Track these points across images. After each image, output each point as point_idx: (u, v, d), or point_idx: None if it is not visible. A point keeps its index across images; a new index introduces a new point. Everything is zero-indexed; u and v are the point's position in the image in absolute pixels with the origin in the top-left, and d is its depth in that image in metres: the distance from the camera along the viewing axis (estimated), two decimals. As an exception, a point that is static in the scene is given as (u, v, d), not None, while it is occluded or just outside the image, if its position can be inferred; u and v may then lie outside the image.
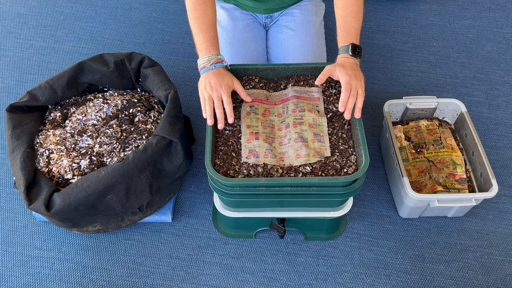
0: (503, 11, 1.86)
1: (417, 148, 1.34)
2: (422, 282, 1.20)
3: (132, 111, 1.23)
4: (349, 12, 1.11)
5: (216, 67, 1.07)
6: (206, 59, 1.08)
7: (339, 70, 1.05)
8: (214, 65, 1.07)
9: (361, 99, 1.03)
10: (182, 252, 1.24)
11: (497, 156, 1.43)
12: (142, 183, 1.12)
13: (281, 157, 1.03)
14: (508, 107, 1.55)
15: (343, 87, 1.03)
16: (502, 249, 1.25)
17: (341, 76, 1.04)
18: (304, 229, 1.24)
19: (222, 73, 1.07)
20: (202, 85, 1.06)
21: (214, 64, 1.07)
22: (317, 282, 1.19)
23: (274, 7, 1.36)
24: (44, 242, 1.25)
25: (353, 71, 1.05)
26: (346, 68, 1.05)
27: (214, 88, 1.04)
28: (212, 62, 1.07)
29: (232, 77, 1.08)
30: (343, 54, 1.10)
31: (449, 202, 1.17)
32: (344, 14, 1.12)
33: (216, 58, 1.08)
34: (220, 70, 1.07)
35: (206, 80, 1.06)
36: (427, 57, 1.69)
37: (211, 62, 1.07)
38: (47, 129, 1.21)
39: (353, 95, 1.03)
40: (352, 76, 1.03)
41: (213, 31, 1.11)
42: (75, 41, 1.73)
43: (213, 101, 1.04)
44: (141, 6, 1.85)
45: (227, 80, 1.06)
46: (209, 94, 1.04)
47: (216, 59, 1.08)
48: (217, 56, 1.09)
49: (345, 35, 1.11)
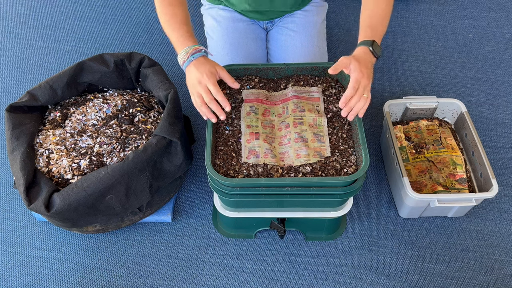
0: (503, 11, 1.85)
1: (417, 148, 1.34)
2: (422, 282, 1.20)
3: (132, 111, 1.23)
4: (376, 14, 1.07)
5: (195, 57, 1.01)
6: (183, 53, 1.03)
7: (353, 64, 0.98)
8: (192, 56, 1.02)
9: (366, 103, 0.98)
10: (182, 252, 1.24)
11: (497, 156, 1.43)
12: (142, 183, 1.12)
13: (281, 157, 1.03)
14: (508, 107, 1.55)
15: (351, 83, 0.97)
16: (502, 249, 1.25)
17: (353, 71, 0.97)
18: (304, 229, 1.24)
19: (202, 62, 1.01)
20: (188, 83, 1.02)
21: (192, 55, 1.02)
22: (317, 282, 1.19)
23: (275, 16, 1.37)
24: (44, 242, 1.25)
25: (367, 69, 0.98)
26: (361, 63, 0.98)
27: (198, 80, 0.99)
28: (189, 54, 1.02)
29: (215, 64, 1.02)
30: (363, 47, 1.02)
31: (449, 202, 1.17)
32: (372, 14, 1.08)
33: (193, 49, 1.02)
34: (200, 59, 1.02)
35: (189, 75, 1.01)
36: (427, 57, 1.69)
37: (188, 55, 1.02)
38: (47, 129, 1.21)
39: (358, 95, 0.97)
40: (364, 75, 0.97)
41: (186, 26, 1.06)
42: (75, 41, 1.73)
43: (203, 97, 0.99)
44: (141, 6, 1.85)
45: (209, 67, 1.00)
46: (197, 91, 1.00)
47: (193, 49, 1.02)
48: (193, 46, 1.02)
49: (369, 31, 1.05)
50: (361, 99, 0.97)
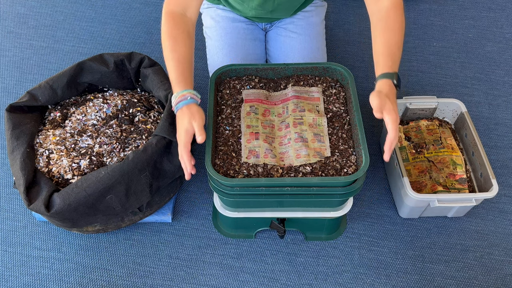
0: (503, 11, 1.85)
1: (417, 148, 1.34)
2: (422, 282, 1.20)
3: (132, 111, 1.23)
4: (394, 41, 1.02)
5: (178, 107, 0.98)
6: (174, 98, 1.00)
7: (388, 105, 0.92)
8: (176, 106, 0.99)
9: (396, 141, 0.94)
10: (182, 252, 1.24)
11: (497, 156, 1.43)
12: (142, 183, 1.12)
13: (281, 157, 1.03)
14: (508, 107, 1.55)
15: (392, 126, 0.91)
16: (502, 249, 1.25)
17: (390, 112, 0.92)
18: (304, 229, 1.24)
19: (184, 114, 0.97)
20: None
21: (177, 105, 0.99)
22: (317, 282, 1.19)
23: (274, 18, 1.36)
24: (44, 242, 1.25)
25: (396, 105, 0.95)
26: (392, 101, 0.93)
27: (177, 134, 0.99)
28: (176, 102, 0.99)
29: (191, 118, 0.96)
30: (387, 81, 0.97)
31: (449, 202, 1.17)
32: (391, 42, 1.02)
33: (179, 96, 0.98)
34: (183, 109, 0.98)
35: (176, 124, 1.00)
36: (427, 57, 1.69)
37: (175, 102, 0.99)
38: (47, 129, 1.21)
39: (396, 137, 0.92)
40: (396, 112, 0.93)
41: (181, 66, 1.02)
42: (75, 41, 1.73)
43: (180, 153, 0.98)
44: (141, 6, 1.85)
45: (186, 125, 0.96)
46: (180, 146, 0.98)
47: (179, 96, 0.98)
48: (181, 93, 0.99)
49: (390, 62, 0.99)
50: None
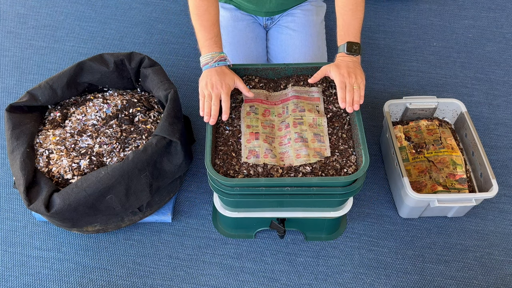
0: (503, 11, 1.85)
1: (417, 148, 1.34)
2: (422, 282, 1.20)
3: (132, 111, 1.23)
4: (348, 10, 1.11)
5: (219, 65, 1.07)
6: (209, 56, 1.08)
7: (333, 70, 1.06)
8: (217, 63, 1.07)
9: (358, 93, 1.03)
10: (182, 252, 1.24)
11: (497, 156, 1.43)
12: (142, 183, 1.12)
13: (281, 157, 1.03)
14: (508, 107, 1.55)
15: (337, 87, 1.04)
16: (502, 249, 1.25)
17: (335, 77, 1.05)
18: (304, 229, 1.24)
19: (224, 71, 1.07)
20: (203, 82, 1.06)
21: (217, 62, 1.07)
22: (317, 282, 1.19)
23: (274, 9, 1.36)
24: (44, 242, 1.25)
25: (348, 69, 1.05)
26: (340, 67, 1.05)
27: (215, 86, 1.04)
28: (215, 60, 1.07)
29: (234, 76, 1.07)
30: (340, 53, 1.10)
31: (449, 202, 1.17)
32: (343, 12, 1.12)
33: (219, 56, 1.08)
34: (223, 68, 1.07)
35: (207, 77, 1.05)
36: (427, 57, 1.69)
37: (214, 60, 1.07)
38: (47, 129, 1.21)
39: (349, 91, 1.03)
40: (345, 75, 1.04)
41: (216, 28, 1.11)
42: (75, 41, 1.73)
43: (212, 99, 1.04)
44: (141, 6, 1.85)
45: (228, 80, 1.06)
46: (209, 92, 1.04)
47: (219, 57, 1.08)
48: (220, 54, 1.08)
49: (342, 34, 1.11)
50: (354, 91, 1.03)
